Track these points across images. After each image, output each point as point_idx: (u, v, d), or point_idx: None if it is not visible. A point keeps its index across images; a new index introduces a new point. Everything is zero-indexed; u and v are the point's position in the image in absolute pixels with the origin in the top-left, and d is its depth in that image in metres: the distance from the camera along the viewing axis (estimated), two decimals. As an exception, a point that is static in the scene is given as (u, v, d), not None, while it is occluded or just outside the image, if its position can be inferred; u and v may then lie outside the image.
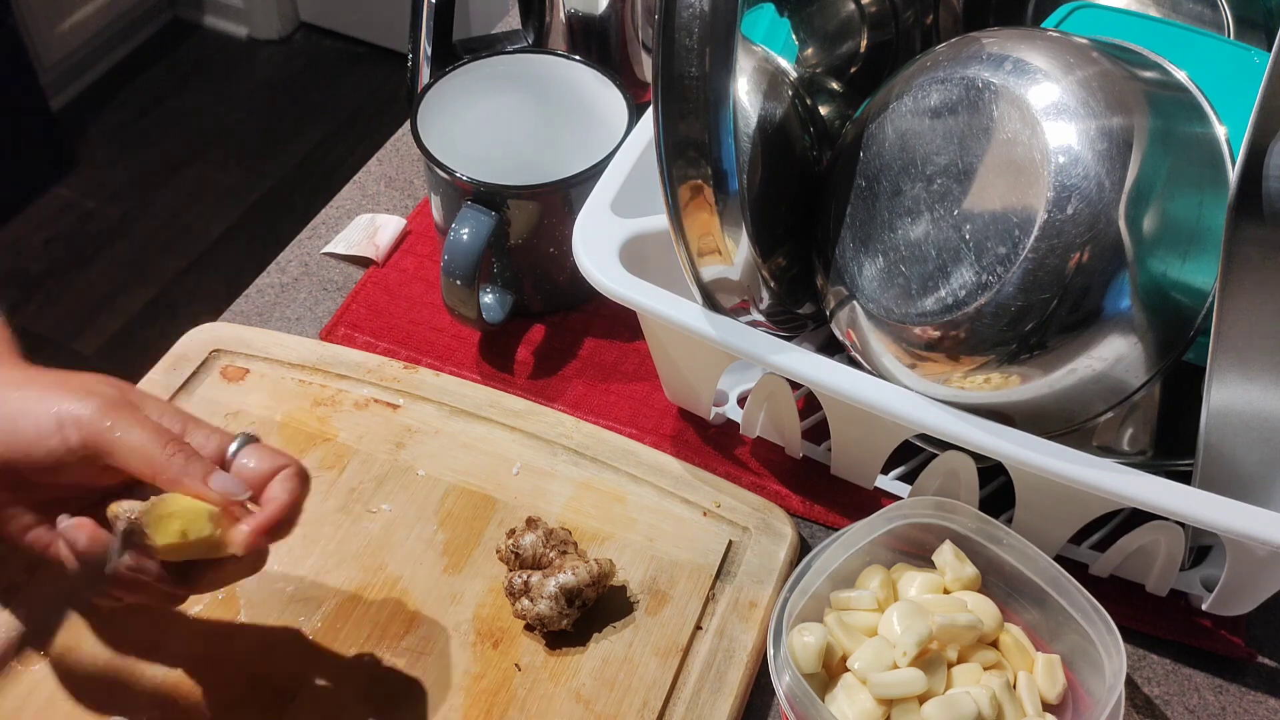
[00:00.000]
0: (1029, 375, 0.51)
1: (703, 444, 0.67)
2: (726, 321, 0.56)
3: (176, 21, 2.40)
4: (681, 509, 0.62)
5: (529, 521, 0.59)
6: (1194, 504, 0.50)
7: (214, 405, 0.66)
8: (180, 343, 0.69)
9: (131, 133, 2.17)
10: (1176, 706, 0.58)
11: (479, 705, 0.54)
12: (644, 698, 0.55)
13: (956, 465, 0.58)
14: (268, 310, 0.74)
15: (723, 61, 0.50)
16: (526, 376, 0.70)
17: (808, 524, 0.64)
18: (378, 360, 0.69)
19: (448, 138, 0.70)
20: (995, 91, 0.51)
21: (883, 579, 0.53)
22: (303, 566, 0.59)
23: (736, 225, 0.53)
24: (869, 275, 0.54)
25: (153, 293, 1.89)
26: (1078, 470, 0.51)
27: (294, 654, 0.56)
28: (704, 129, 0.51)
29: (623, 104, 0.70)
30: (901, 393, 0.54)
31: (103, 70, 2.27)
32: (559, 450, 0.65)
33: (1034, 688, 0.50)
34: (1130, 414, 0.57)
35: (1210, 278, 0.50)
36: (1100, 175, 0.48)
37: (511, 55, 0.73)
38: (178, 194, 2.06)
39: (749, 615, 0.58)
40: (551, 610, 0.55)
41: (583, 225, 0.60)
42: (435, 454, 0.64)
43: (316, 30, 2.40)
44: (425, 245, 0.78)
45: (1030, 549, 0.52)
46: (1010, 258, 0.49)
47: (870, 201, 0.55)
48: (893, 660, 0.49)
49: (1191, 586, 0.60)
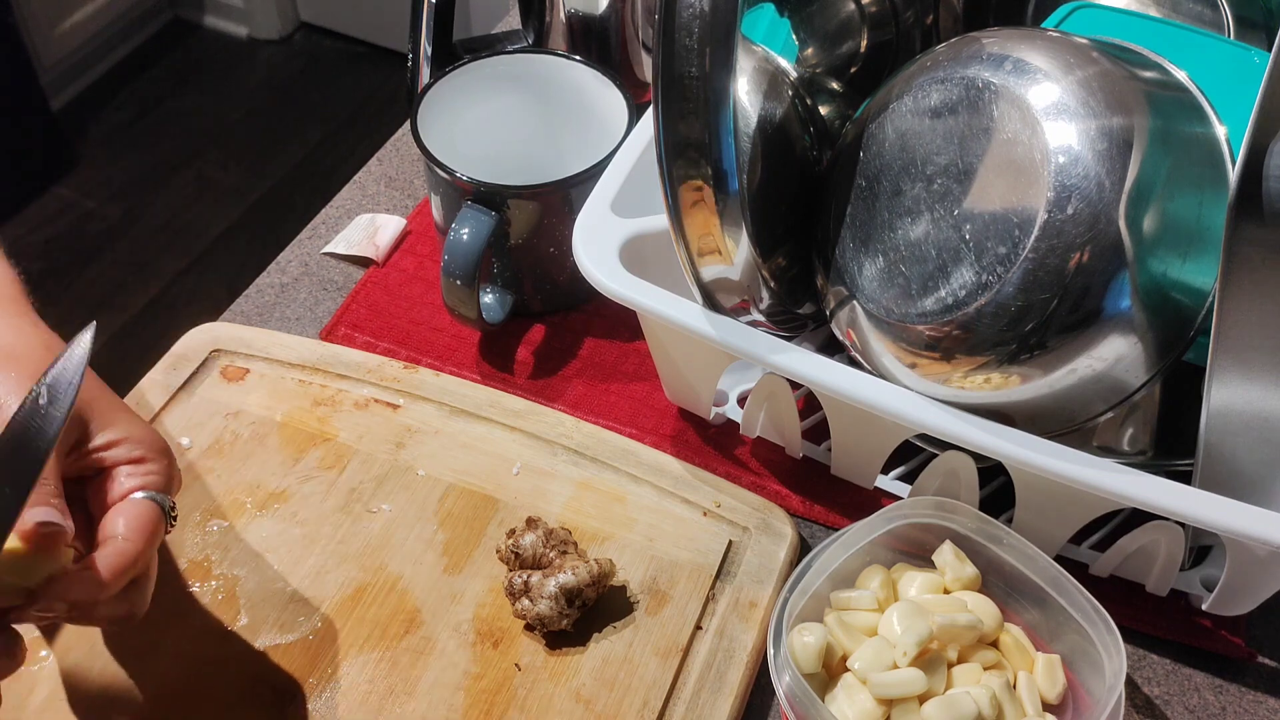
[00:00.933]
0: (1029, 375, 0.51)
1: (703, 444, 0.67)
2: (726, 321, 0.56)
3: (176, 21, 2.40)
4: (681, 509, 0.62)
5: (529, 521, 0.59)
6: (1194, 504, 0.50)
7: (214, 405, 0.66)
8: (180, 343, 0.69)
9: (131, 133, 2.17)
10: (1176, 706, 0.58)
11: (479, 705, 0.54)
12: (644, 698, 0.55)
13: (956, 465, 0.58)
14: (268, 310, 0.74)
15: (723, 61, 0.50)
16: (526, 376, 0.70)
17: (808, 524, 0.64)
18: (378, 360, 0.69)
19: (448, 138, 0.70)
20: (995, 91, 0.51)
21: (883, 579, 0.53)
22: (303, 566, 0.59)
23: (736, 225, 0.53)
24: (869, 275, 0.54)
25: (153, 293, 1.89)
26: (1078, 470, 0.51)
27: (294, 654, 0.56)
28: (704, 129, 0.51)
29: (623, 104, 0.70)
30: (901, 393, 0.54)
31: (103, 70, 2.27)
32: (559, 450, 0.65)
33: (1034, 688, 0.50)
34: (1130, 414, 0.57)
35: (1210, 278, 0.50)
36: (1100, 175, 0.48)
37: (511, 55, 0.73)
38: (178, 194, 2.06)
39: (749, 615, 0.58)
40: (551, 610, 0.55)
41: (583, 225, 0.60)
42: (435, 454, 0.64)
43: (316, 30, 2.39)
44: (425, 245, 0.78)
45: (1030, 549, 0.52)
46: (1010, 258, 0.49)
47: (870, 201, 0.55)
48: (893, 660, 0.49)
49: (1191, 586, 0.60)
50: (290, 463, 0.63)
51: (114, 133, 2.16)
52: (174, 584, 0.58)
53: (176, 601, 0.58)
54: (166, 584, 0.58)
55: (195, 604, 0.57)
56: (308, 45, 2.38)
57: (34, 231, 1.96)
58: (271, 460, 0.63)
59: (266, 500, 0.62)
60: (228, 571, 0.59)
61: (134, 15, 2.31)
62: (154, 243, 1.97)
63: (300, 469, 0.63)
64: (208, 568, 0.59)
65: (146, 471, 0.49)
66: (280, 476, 0.63)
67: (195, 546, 0.60)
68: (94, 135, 2.15)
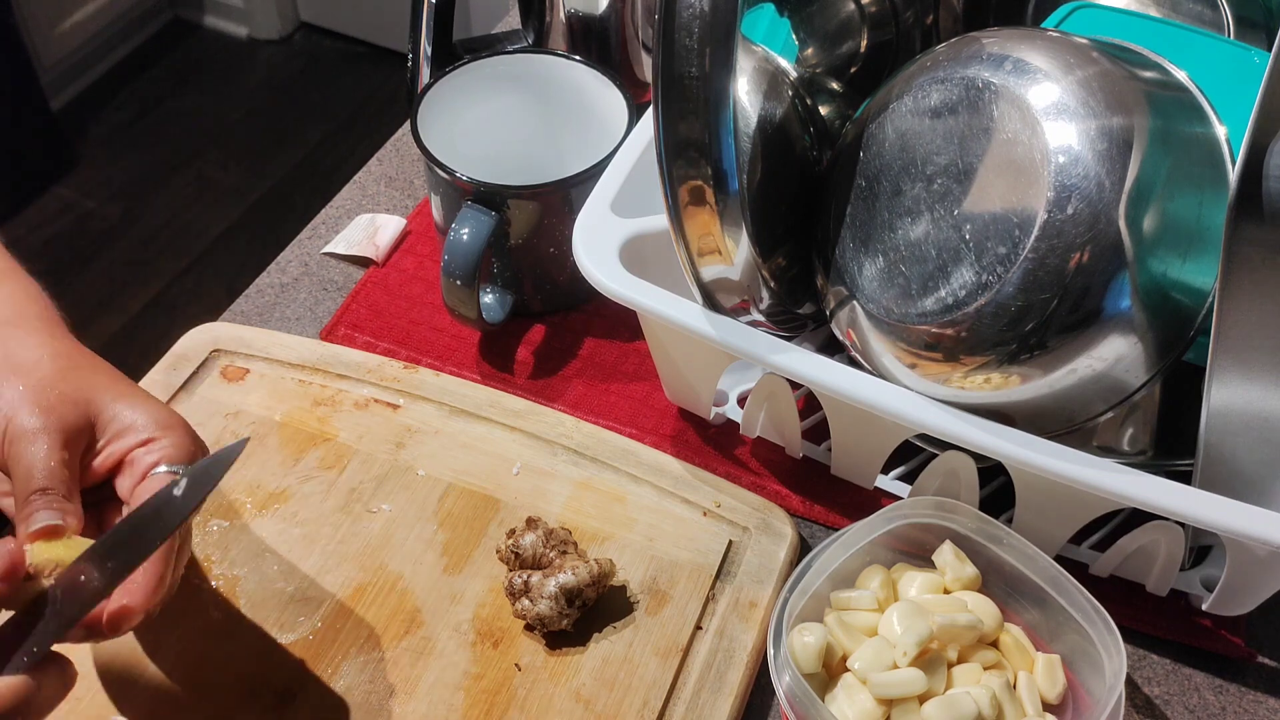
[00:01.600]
0: (1029, 375, 0.51)
1: (703, 444, 0.67)
2: (726, 321, 0.56)
3: (176, 21, 2.40)
4: (681, 509, 0.62)
5: (529, 521, 0.59)
6: (1194, 504, 0.50)
7: (214, 405, 0.66)
8: (180, 343, 0.69)
9: (131, 133, 2.17)
10: (1176, 706, 0.58)
11: (479, 705, 0.54)
12: (644, 698, 0.55)
13: (956, 465, 0.58)
14: (268, 310, 0.74)
15: (723, 61, 0.50)
16: (526, 376, 0.70)
17: (808, 524, 0.64)
18: (378, 360, 0.69)
19: (448, 138, 0.70)
20: (995, 91, 0.51)
21: (883, 579, 0.53)
22: (303, 566, 0.59)
23: (736, 225, 0.53)
24: (869, 275, 0.54)
25: (153, 293, 1.89)
26: (1078, 470, 0.51)
27: (294, 654, 0.56)
28: (704, 129, 0.51)
29: (623, 104, 0.70)
30: (901, 393, 0.54)
31: (103, 70, 2.27)
32: (559, 450, 0.65)
33: (1034, 688, 0.50)
34: (1130, 414, 0.57)
35: (1210, 278, 0.50)
36: (1100, 175, 0.48)
37: (511, 55, 0.73)
38: (178, 194, 2.06)
39: (749, 615, 0.58)
40: (551, 610, 0.55)
41: (583, 225, 0.60)
42: (435, 454, 0.64)
43: (316, 30, 2.39)
44: (425, 245, 0.78)
45: (1030, 549, 0.52)
46: (1010, 258, 0.49)
47: (870, 201, 0.55)
48: (893, 660, 0.49)
49: (1191, 586, 0.60)
50: (290, 463, 0.63)
51: (114, 133, 2.16)
52: (174, 584, 0.58)
53: (176, 601, 0.57)
54: (166, 584, 0.58)
55: (195, 604, 0.57)
56: (308, 45, 2.38)
57: (34, 231, 1.96)
58: (271, 460, 0.63)
59: (266, 500, 0.62)
60: (228, 571, 0.59)
61: (134, 15, 2.31)
62: (154, 243, 1.97)
63: (300, 469, 0.63)
64: (208, 568, 0.59)
65: (159, 448, 0.49)
66: (280, 476, 0.63)
67: (195, 546, 0.60)
68: (94, 135, 2.15)
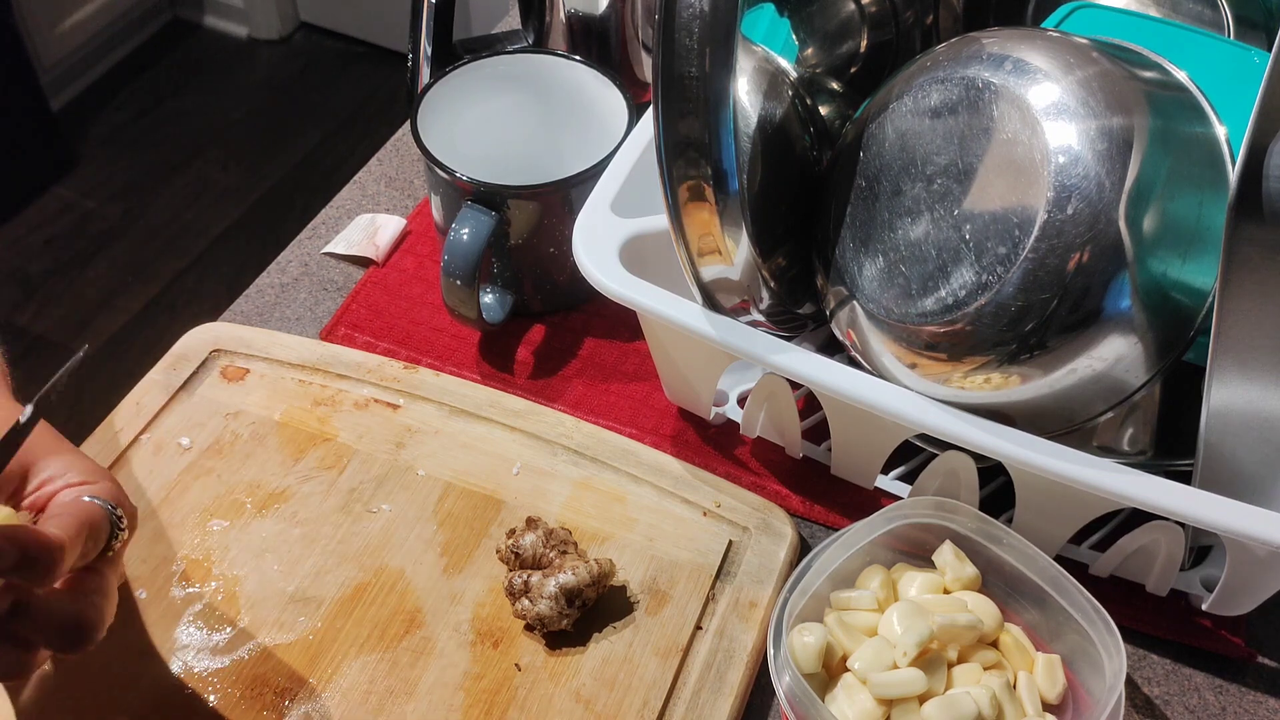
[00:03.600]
0: (1029, 375, 0.51)
1: (703, 444, 0.67)
2: (726, 321, 0.56)
3: (176, 21, 2.40)
4: (681, 509, 0.62)
5: (529, 521, 0.59)
6: (1194, 504, 0.50)
7: (214, 405, 0.66)
8: (180, 343, 0.69)
9: (131, 133, 2.17)
10: (1176, 706, 0.58)
11: (479, 705, 0.54)
12: (644, 698, 0.55)
13: (956, 465, 0.58)
14: (268, 310, 0.74)
15: (723, 61, 0.50)
16: (526, 376, 0.70)
17: (808, 524, 0.64)
18: (378, 360, 0.69)
19: (448, 138, 0.70)
20: (995, 91, 0.51)
21: (883, 579, 0.53)
22: (303, 566, 0.59)
23: (736, 225, 0.53)
24: (869, 275, 0.54)
25: (153, 293, 1.89)
26: (1078, 470, 0.51)
27: (294, 654, 0.56)
28: (704, 129, 0.51)
29: (623, 104, 0.70)
30: (901, 393, 0.54)
31: (103, 70, 2.27)
32: (559, 450, 0.65)
33: (1034, 688, 0.50)
34: (1130, 414, 0.57)
35: (1210, 278, 0.50)
36: (1100, 175, 0.48)
37: (511, 55, 0.73)
38: (178, 194, 2.06)
39: (749, 615, 0.58)
40: (551, 610, 0.55)
41: (583, 225, 0.60)
42: (435, 454, 0.64)
43: (316, 30, 2.40)
44: (425, 245, 0.78)
45: (1030, 549, 0.52)
46: (1010, 258, 0.49)
47: (870, 201, 0.55)
48: (893, 660, 0.49)
49: (1191, 586, 0.60)
50: (290, 463, 0.63)
51: (114, 133, 2.16)
52: (173, 584, 0.58)
53: (176, 602, 0.58)
54: (165, 584, 0.58)
55: (195, 604, 0.57)
56: (308, 45, 2.38)
57: (34, 231, 1.96)
58: (271, 460, 0.63)
59: (266, 500, 0.62)
60: (228, 571, 0.59)
61: (134, 15, 2.31)
62: (154, 243, 1.97)
63: (300, 469, 0.63)
64: (208, 568, 0.59)
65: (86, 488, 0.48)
66: (280, 476, 0.63)
67: (195, 546, 0.60)
68: (94, 135, 2.15)
